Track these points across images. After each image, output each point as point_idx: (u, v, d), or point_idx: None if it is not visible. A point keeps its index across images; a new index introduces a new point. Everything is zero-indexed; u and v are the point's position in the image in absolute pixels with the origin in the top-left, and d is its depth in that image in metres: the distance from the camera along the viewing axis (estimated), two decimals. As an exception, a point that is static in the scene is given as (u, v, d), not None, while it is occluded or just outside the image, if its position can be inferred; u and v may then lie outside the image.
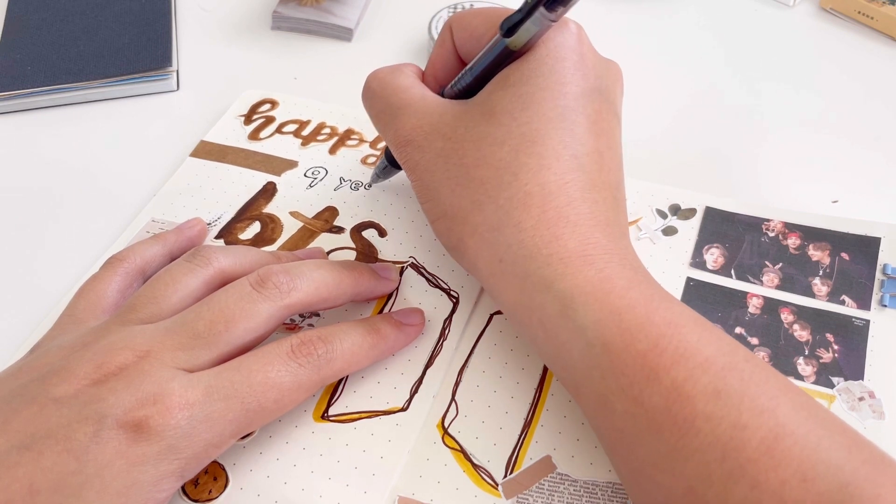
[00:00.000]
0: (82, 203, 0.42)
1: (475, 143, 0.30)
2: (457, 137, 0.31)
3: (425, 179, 0.31)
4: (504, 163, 0.29)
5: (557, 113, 0.30)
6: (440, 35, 0.35)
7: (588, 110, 0.30)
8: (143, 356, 0.27)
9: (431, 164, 0.31)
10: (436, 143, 0.31)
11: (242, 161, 0.43)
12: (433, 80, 0.35)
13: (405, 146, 0.32)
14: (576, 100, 0.30)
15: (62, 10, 0.53)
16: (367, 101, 0.35)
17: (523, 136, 0.29)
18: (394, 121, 0.33)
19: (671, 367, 0.25)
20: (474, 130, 0.30)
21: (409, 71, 0.34)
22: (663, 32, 0.54)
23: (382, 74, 0.34)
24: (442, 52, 0.35)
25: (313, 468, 0.30)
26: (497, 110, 0.30)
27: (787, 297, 0.35)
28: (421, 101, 0.32)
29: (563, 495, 0.29)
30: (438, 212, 0.31)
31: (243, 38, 0.54)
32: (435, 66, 0.35)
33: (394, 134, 0.33)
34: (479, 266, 0.30)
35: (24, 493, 0.24)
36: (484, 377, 0.33)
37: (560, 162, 0.29)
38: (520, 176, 0.29)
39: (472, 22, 0.33)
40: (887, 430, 0.31)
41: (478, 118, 0.31)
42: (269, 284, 0.30)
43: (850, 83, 0.49)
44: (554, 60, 0.30)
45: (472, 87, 0.32)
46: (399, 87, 0.33)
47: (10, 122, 0.47)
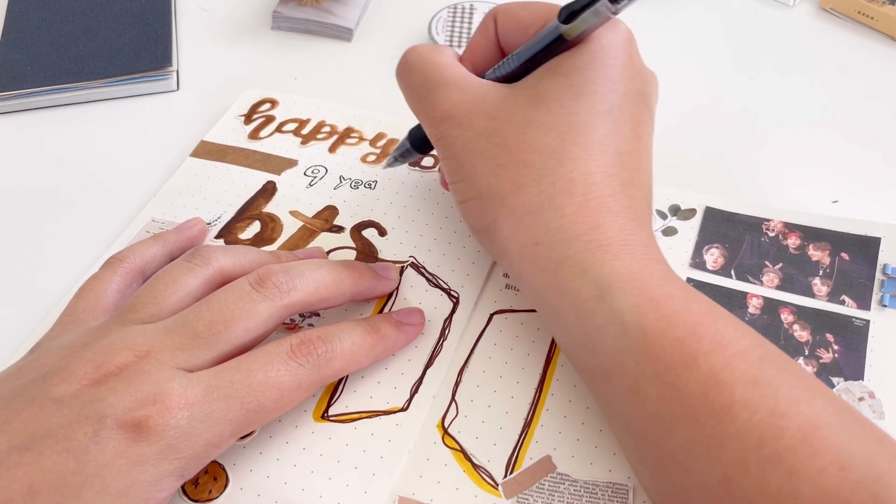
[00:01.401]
0: (82, 203, 0.42)
1: (520, 127, 0.30)
2: (501, 118, 0.30)
3: (462, 158, 0.31)
4: (550, 148, 0.29)
5: (606, 108, 0.30)
6: (482, 23, 0.35)
7: (633, 111, 0.31)
8: (143, 356, 0.27)
9: (471, 142, 0.31)
10: (478, 122, 0.31)
11: (242, 160, 0.43)
12: (471, 66, 0.35)
13: (444, 122, 0.32)
14: (623, 98, 0.30)
15: (62, 10, 0.53)
16: (404, 74, 0.34)
17: (571, 125, 0.30)
18: (432, 95, 0.32)
19: (709, 354, 0.25)
20: (520, 114, 0.30)
21: (449, 51, 0.34)
22: (663, 32, 0.54)
23: (423, 50, 0.34)
24: (483, 40, 0.34)
25: (313, 468, 0.30)
26: (546, 97, 0.30)
27: (787, 297, 0.35)
28: (463, 79, 0.32)
29: (564, 495, 0.29)
30: (473, 192, 0.31)
31: (243, 38, 0.54)
32: (474, 53, 0.35)
33: (431, 108, 0.32)
34: (511, 249, 0.30)
35: (24, 493, 0.24)
36: (484, 377, 0.33)
37: (605, 155, 0.29)
38: (565, 163, 0.29)
39: (521, 13, 0.33)
40: (887, 430, 0.30)
41: (524, 103, 0.30)
42: (269, 284, 0.30)
43: (851, 83, 0.49)
44: (606, 57, 0.30)
45: (516, 73, 0.32)
46: (440, 63, 0.33)
47: (10, 122, 0.47)
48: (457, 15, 0.51)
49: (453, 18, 0.51)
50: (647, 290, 0.27)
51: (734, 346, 0.25)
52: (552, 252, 0.28)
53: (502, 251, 0.31)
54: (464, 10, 0.51)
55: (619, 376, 0.27)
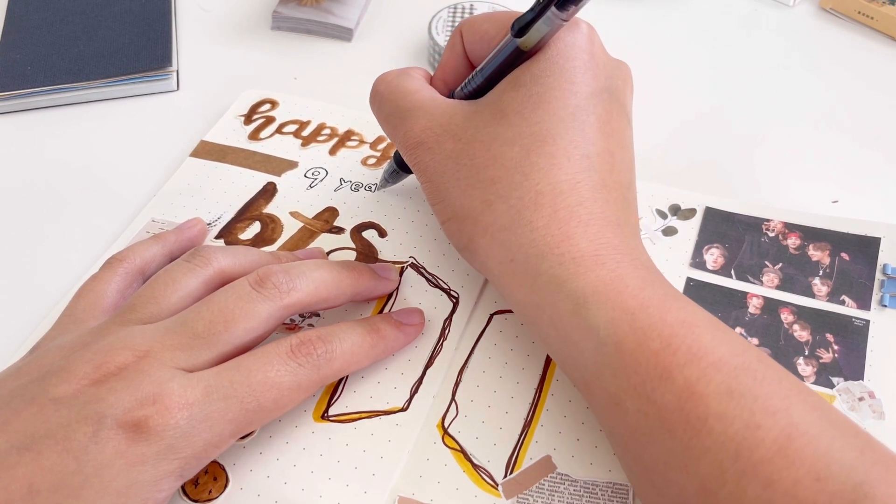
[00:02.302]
0: (82, 203, 0.42)
1: (485, 144, 0.30)
2: (467, 138, 0.31)
3: (436, 181, 0.31)
4: (515, 162, 0.29)
5: (568, 113, 0.30)
6: (450, 40, 0.35)
7: (598, 110, 0.30)
8: (143, 356, 0.27)
9: (442, 165, 0.31)
10: (446, 145, 0.31)
11: (242, 161, 0.43)
12: (443, 84, 0.35)
13: (415, 148, 0.32)
14: (586, 100, 0.30)
15: (62, 10, 0.53)
16: (375, 104, 0.35)
17: (534, 135, 0.29)
18: (403, 123, 0.32)
19: (684, 366, 0.25)
20: (485, 131, 0.30)
21: (417, 74, 0.34)
22: (662, 32, 0.54)
23: (390, 77, 0.34)
24: (452, 56, 0.35)
25: (313, 468, 0.30)
26: (508, 110, 0.30)
27: (787, 297, 0.35)
28: (431, 102, 0.32)
29: (563, 495, 0.29)
30: (449, 213, 0.31)
31: (243, 38, 0.54)
32: (445, 71, 0.35)
33: (403, 136, 0.32)
34: (490, 266, 0.30)
35: (24, 493, 0.24)
36: (484, 377, 0.33)
37: (571, 162, 0.29)
38: (531, 176, 0.29)
39: (483, 26, 0.33)
40: (887, 430, 0.31)
41: (488, 118, 0.31)
42: (269, 284, 0.30)
43: (850, 83, 0.49)
44: (564, 60, 0.30)
45: (482, 88, 0.32)
46: (408, 89, 0.33)
47: (10, 122, 0.47)
48: (457, 15, 0.51)
49: (453, 18, 0.51)
50: (622, 301, 0.26)
51: (710, 356, 0.25)
52: (527, 268, 0.28)
53: (484, 268, 0.31)
54: (464, 10, 0.51)
55: (599, 389, 0.27)
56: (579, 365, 0.27)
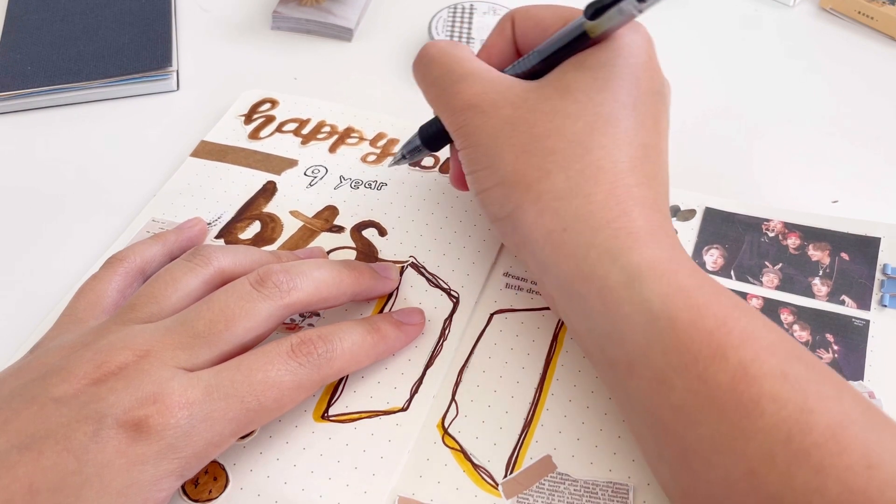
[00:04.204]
0: (82, 203, 0.42)
1: (547, 115, 0.30)
2: (527, 107, 0.31)
3: (487, 145, 0.31)
4: (578, 136, 0.30)
5: (631, 101, 0.30)
6: (499, 24, 0.35)
7: (654, 109, 0.31)
8: (143, 356, 0.27)
9: (497, 129, 0.31)
10: (503, 110, 0.31)
11: (242, 160, 0.43)
12: None
13: (467, 111, 0.31)
14: (645, 95, 0.31)
15: (62, 10, 0.53)
16: (423, 66, 0.34)
17: (598, 115, 0.30)
18: (455, 85, 0.32)
19: (739, 347, 0.25)
20: (547, 104, 0.30)
21: (467, 48, 0.34)
22: (662, 32, 0.54)
23: (442, 45, 0.34)
24: (499, 40, 0.35)
25: (313, 468, 0.30)
26: (573, 88, 0.30)
27: (786, 297, 0.35)
28: (486, 71, 0.32)
29: (564, 495, 0.29)
30: (497, 178, 0.31)
31: (243, 38, 0.54)
32: (490, 53, 0.35)
33: (453, 98, 0.32)
34: (536, 236, 0.30)
35: (24, 493, 0.24)
36: (484, 377, 0.33)
37: (632, 147, 0.30)
38: (593, 151, 0.29)
39: (540, 13, 0.34)
40: (887, 430, 0.31)
41: (551, 93, 0.31)
42: (269, 284, 0.30)
43: (850, 83, 0.49)
44: (629, 55, 0.31)
45: (537, 69, 0.32)
46: (462, 56, 0.33)
47: (10, 122, 0.47)
48: (457, 15, 0.51)
49: (453, 18, 0.51)
50: (678, 279, 0.27)
51: (764, 339, 0.25)
52: (580, 238, 0.28)
53: (525, 239, 0.30)
54: (464, 10, 0.51)
55: (644, 367, 0.26)
56: (626, 340, 0.27)
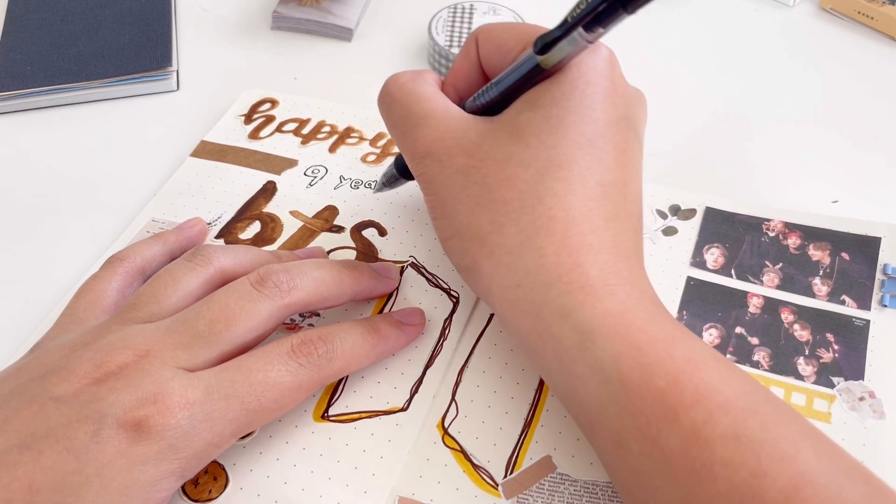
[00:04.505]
0: (82, 203, 0.42)
1: (499, 163, 0.29)
2: (480, 155, 0.30)
3: (442, 195, 0.30)
4: (528, 185, 0.29)
5: (586, 139, 0.29)
6: (465, 46, 0.34)
7: (616, 139, 0.30)
8: (144, 355, 0.27)
9: (450, 179, 0.30)
10: (457, 159, 0.30)
11: (242, 160, 0.43)
12: (454, 90, 0.34)
13: (424, 158, 0.31)
14: (605, 127, 0.29)
15: (62, 10, 0.53)
16: (385, 106, 0.33)
17: (550, 159, 0.29)
18: (414, 131, 0.31)
19: (691, 408, 0.24)
20: (499, 150, 0.29)
21: (430, 79, 0.33)
22: (662, 32, 0.54)
23: (404, 80, 0.33)
24: (465, 63, 0.34)
25: (313, 468, 0.30)
26: (524, 131, 0.29)
27: (787, 296, 0.35)
28: (444, 113, 0.31)
29: (564, 495, 0.29)
30: (453, 230, 0.30)
31: (243, 38, 0.54)
32: (457, 77, 0.34)
33: (412, 145, 0.31)
34: (493, 290, 0.29)
35: (24, 493, 0.24)
36: (484, 377, 0.33)
37: (586, 189, 0.28)
38: (544, 200, 0.28)
39: (502, 35, 0.32)
40: (887, 430, 0.31)
41: (503, 137, 0.30)
42: (270, 283, 0.30)
43: (850, 83, 0.49)
44: (585, 85, 0.29)
45: (496, 102, 0.31)
46: (421, 95, 0.32)
47: (9, 122, 0.47)
48: (457, 15, 0.51)
49: (453, 18, 0.51)
50: (629, 335, 0.26)
51: (717, 396, 0.24)
52: (533, 295, 0.28)
53: (486, 292, 0.30)
54: (464, 10, 0.51)
55: (602, 428, 0.26)
56: (583, 401, 0.26)
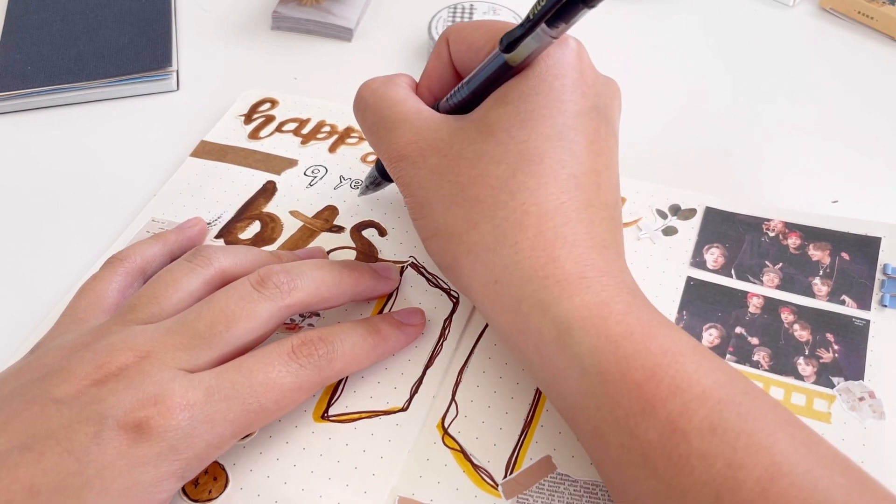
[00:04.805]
0: (82, 203, 0.42)
1: (471, 161, 0.29)
2: (452, 154, 0.30)
3: (419, 196, 0.31)
4: (501, 181, 0.29)
5: (556, 131, 0.29)
6: (436, 46, 0.34)
7: (587, 129, 0.30)
8: (144, 356, 0.27)
9: (425, 180, 0.30)
10: (431, 160, 0.30)
11: (242, 160, 0.43)
12: (428, 91, 0.34)
13: (399, 161, 0.31)
14: (574, 118, 0.30)
15: (62, 10, 0.53)
16: (359, 112, 0.34)
17: (521, 154, 0.29)
18: (388, 135, 0.32)
19: (667, 399, 0.24)
20: (470, 148, 0.30)
21: (403, 82, 0.34)
22: (662, 32, 0.54)
23: (376, 86, 0.33)
24: (438, 63, 0.34)
25: (313, 468, 0.30)
26: (495, 128, 0.30)
27: (787, 296, 0.35)
28: (416, 115, 0.32)
29: (564, 495, 0.29)
30: (432, 230, 0.31)
31: (243, 38, 0.54)
32: (430, 78, 0.34)
33: (387, 148, 0.32)
34: (473, 287, 0.29)
35: (25, 494, 0.24)
36: (484, 377, 0.33)
37: (557, 181, 0.29)
38: (517, 195, 0.28)
39: (471, 35, 0.32)
40: (887, 430, 0.31)
41: (474, 135, 0.30)
42: (270, 284, 0.30)
43: (850, 83, 0.49)
44: (553, 78, 0.30)
45: (468, 101, 0.32)
46: (394, 99, 0.32)
47: (10, 122, 0.47)
48: (457, 15, 0.51)
49: (453, 18, 0.51)
50: (606, 328, 0.26)
51: (694, 388, 0.24)
52: (512, 290, 0.28)
53: (467, 289, 0.30)
54: (464, 9, 0.51)
55: (584, 422, 0.26)
56: (565, 395, 0.27)
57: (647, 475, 0.24)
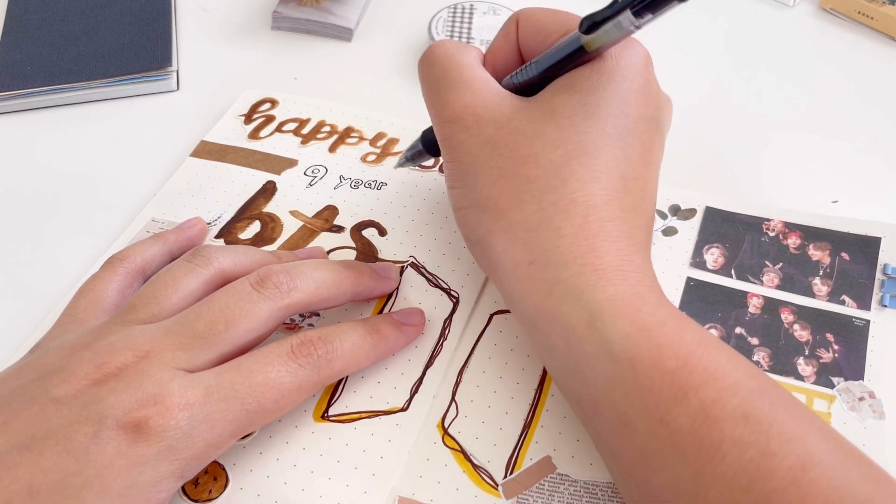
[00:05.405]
0: (82, 203, 0.42)
1: (529, 140, 0.29)
2: (511, 128, 0.30)
3: (465, 163, 0.30)
4: (554, 166, 0.29)
5: (617, 131, 0.29)
6: (504, 26, 0.34)
7: (644, 137, 0.30)
8: (144, 356, 0.27)
9: (476, 148, 0.30)
10: (486, 129, 0.30)
11: (242, 160, 0.43)
12: (491, 67, 0.34)
13: (452, 122, 0.31)
14: (636, 123, 0.30)
15: (62, 10, 0.53)
16: (425, 67, 0.33)
17: (579, 144, 0.29)
18: (448, 93, 0.31)
19: (700, 388, 0.24)
20: (530, 126, 0.30)
21: (474, 52, 0.34)
22: (662, 32, 0.54)
23: (449, 46, 0.33)
24: (504, 43, 0.34)
25: (313, 468, 0.30)
26: (558, 113, 0.30)
27: (787, 296, 0.35)
28: (482, 83, 0.32)
29: (563, 496, 0.29)
30: (471, 199, 0.30)
31: (243, 38, 0.54)
32: (495, 56, 0.34)
33: (442, 106, 0.32)
34: (504, 265, 0.29)
35: (24, 494, 0.24)
36: (484, 377, 0.33)
37: (610, 179, 0.29)
38: (568, 182, 0.28)
39: (543, 19, 0.33)
40: (887, 430, 0.31)
41: (536, 115, 0.30)
42: (270, 284, 0.30)
43: (850, 83, 0.49)
44: (622, 79, 0.30)
45: (534, 81, 0.32)
46: (463, 63, 0.32)
47: (10, 122, 0.47)
48: (457, 15, 0.51)
49: (453, 18, 0.51)
50: (640, 317, 0.26)
51: (726, 378, 0.24)
52: (546, 273, 0.28)
53: (494, 266, 0.30)
54: (464, 9, 0.51)
55: (607, 408, 0.26)
56: (589, 381, 0.27)
57: (675, 463, 0.24)
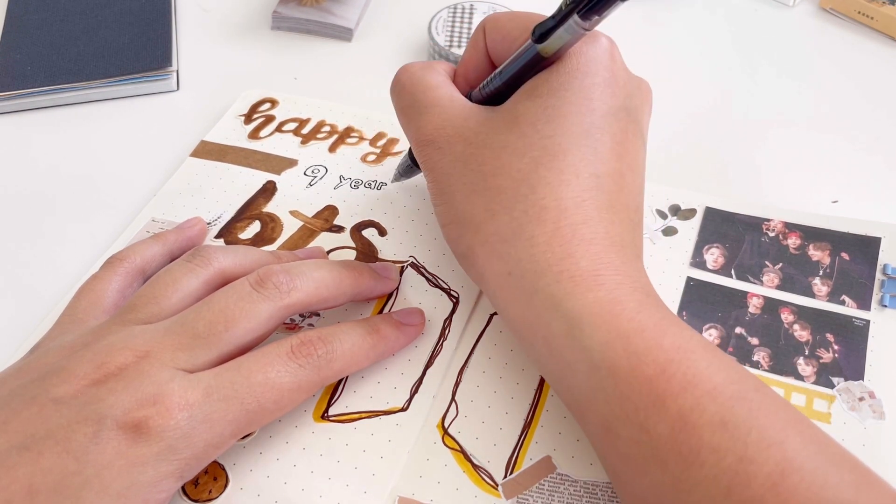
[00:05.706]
0: (82, 203, 0.42)
1: (496, 151, 0.30)
2: (478, 143, 0.30)
3: (441, 182, 0.31)
4: (522, 174, 0.29)
5: (582, 129, 0.29)
6: (473, 36, 0.34)
7: (613, 129, 0.30)
8: (143, 356, 0.27)
9: (449, 167, 0.31)
10: (456, 147, 0.31)
11: (242, 160, 0.43)
12: (464, 80, 0.34)
13: (426, 146, 0.32)
14: (602, 118, 0.30)
15: (62, 10, 0.53)
16: (395, 94, 0.34)
17: (545, 149, 0.29)
18: (418, 118, 0.32)
19: (678, 395, 0.24)
20: (496, 138, 0.30)
21: (440, 69, 0.34)
22: (662, 32, 0.54)
23: (414, 69, 0.34)
24: (474, 53, 0.34)
25: (313, 468, 0.30)
26: (521, 120, 0.30)
27: (787, 297, 0.35)
28: (448, 102, 0.32)
29: (563, 496, 0.29)
30: (450, 216, 0.31)
31: (243, 38, 0.54)
32: (466, 67, 0.34)
33: (416, 132, 0.32)
34: (487, 277, 0.30)
35: (24, 494, 0.24)
36: (484, 377, 0.33)
37: (580, 179, 0.29)
38: (537, 189, 0.28)
39: (507, 25, 0.33)
40: (887, 430, 0.31)
41: (501, 126, 0.30)
42: (269, 284, 0.30)
43: (850, 83, 0.49)
44: (583, 75, 0.30)
45: (500, 91, 0.32)
46: (429, 84, 0.33)
47: (9, 122, 0.47)
48: (457, 15, 0.51)
49: (453, 18, 0.51)
50: (618, 324, 0.26)
51: (705, 384, 0.24)
52: (524, 283, 0.28)
53: (480, 278, 0.30)
54: (464, 10, 0.51)
55: (592, 415, 0.26)
56: (573, 388, 0.27)
57: (656, 469, 0.24)
